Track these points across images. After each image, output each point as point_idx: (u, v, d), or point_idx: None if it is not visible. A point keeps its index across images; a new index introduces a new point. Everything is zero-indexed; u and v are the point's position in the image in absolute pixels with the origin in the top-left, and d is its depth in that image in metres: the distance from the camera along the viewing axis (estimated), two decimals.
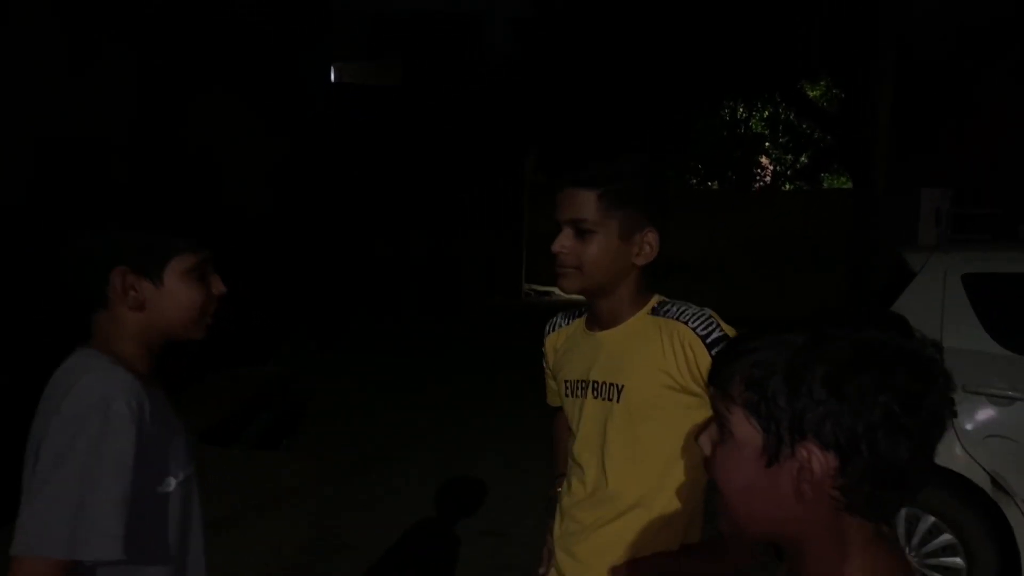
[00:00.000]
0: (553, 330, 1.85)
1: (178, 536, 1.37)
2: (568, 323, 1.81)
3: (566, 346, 1.77)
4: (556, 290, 22.70)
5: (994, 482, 3.35)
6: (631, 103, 15.75)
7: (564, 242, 1.59)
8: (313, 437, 6.63)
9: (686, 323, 1.55)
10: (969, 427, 3.41)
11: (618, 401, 1.59)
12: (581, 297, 1.66)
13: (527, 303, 18.91)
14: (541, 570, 1.80)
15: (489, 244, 18.20)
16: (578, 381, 1.68)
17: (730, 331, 1.53)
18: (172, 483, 1.35)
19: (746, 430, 0.86)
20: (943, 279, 3.64)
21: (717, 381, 0.90)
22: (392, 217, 16.17)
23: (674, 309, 1.59)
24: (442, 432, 6.93)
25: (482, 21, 19.01)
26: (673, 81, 15.12)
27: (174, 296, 1.40)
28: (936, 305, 3.59)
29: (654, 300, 1.64)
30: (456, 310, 15.58)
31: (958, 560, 3.44)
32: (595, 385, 1.63)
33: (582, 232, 1.57)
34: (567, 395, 1.72)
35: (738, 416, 0.87)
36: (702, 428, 0.95)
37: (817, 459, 0.82)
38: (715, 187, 21.61)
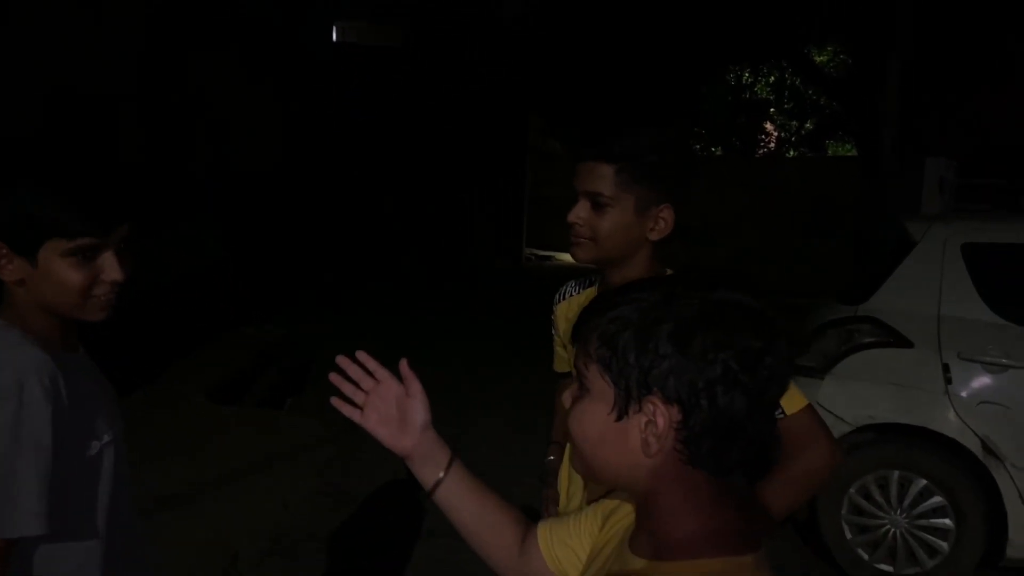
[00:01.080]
0: (563, 299, 1.88)
1: (108, 495, 1.39)
2: (579, 291, 1.84)
3: (576, 311, 1.81)
4: (556, 255, 22.82)
5: (985, 447, 3.43)
6: (637, 68, 15.63)
7: (580, 213, 1.62)
8: (318, 396, 6.72)
9: None
10: (962, 393, 3.48)
11: None
12: (581, 264, 1.71)
13: (527, 267, 18.98)
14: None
15: (491, 207, 18.19)
16: None
17: None
18: (97, 446, 1.35)
19: (600, 385, 0.89)
20: (943, 248, 3.68)
21: (578, 338, 0.94)
22: (393, 179, 16.15)
23: None
24: (446, 391, 7.03)
25: None
26: (679, 45, 14.99)
27: (49, 278, 1.31)
28: (935, 274, 3.65)
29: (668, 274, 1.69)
30: (458, 273, 15.64)
31: (947, 521, 3.54)
32: None
33: (598, 205, 1.59)
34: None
35: (593, 372, 0.90)
36: (567, 385, 1.01)
37: (661, 412, 0.84)
38: (719, 153, 21.53)
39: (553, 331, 1.93)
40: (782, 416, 1.53)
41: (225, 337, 7.83)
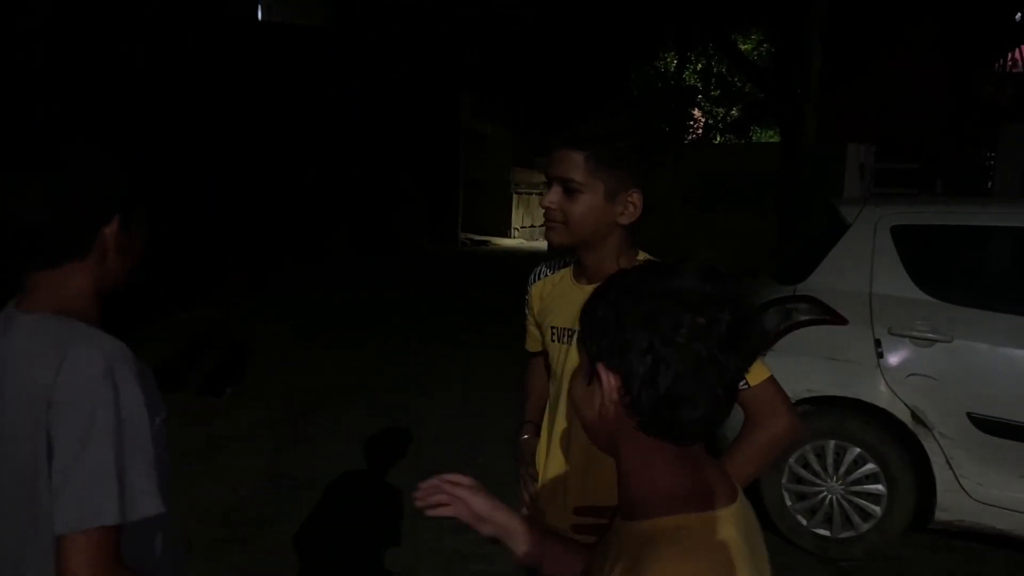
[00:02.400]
0: (538, 279, 1.94)
1: (168, 469, 1.38)
2: (553, 272, 1.90)
3: (553, 294, 1.85)
4: (492, 239, 22.79)
5: (914, 416, 3.65)
6: (567, 51, 15.73)
7: (552, 198, 1.68)
8: (258, 381, 6.64)
9: None
10: (893, 365, 3.69)
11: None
12: (514, 249, 1.74)
13: (463, 251, 18.97)
14: (523, 511, 1.90)
15: (425, 191, 18.08)
16: (565, 329, 1.77)
17: None
18: (158, 421, 1.32)
19: (581, 354, 1.03)
20: (874, 230, 3.88)
21: (580, 317, 1.05)
22: (325, 161, 15.89)
23: None
24: (387, 371, 7.04)
25: None
26: (610, 29, 15.15)
27: (135, 244, 1.31)
28: (867, 254, 3.84)
29: (641, 258, 1.73)
30: (392, 255, 15.53)
31: (880, 487, 3.75)
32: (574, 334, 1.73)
33: (570, 191, 1.65)
34: (553, 340, 1.81)
35: (579, 344, 1.04)
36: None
37: (605, 378, 0.96)
38: None
39: (527, 310, 1.98)
40: (745, 387, 1.60)
41: (157, 323, 7.64)
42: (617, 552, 0.98)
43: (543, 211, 1.73)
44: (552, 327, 1.82)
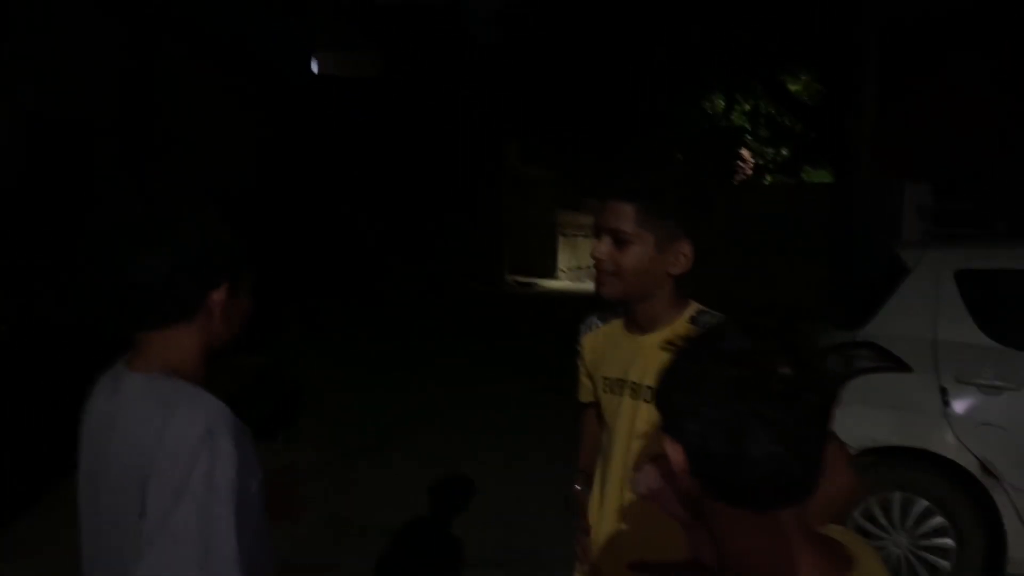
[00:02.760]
0: (590, 330, 1.93)
1: (261, 529, 1.37)
2: (604, 323, 1.89)
3: (605, 345, 1.85)
4: (539, 281, 22.81)
5: (983, 467, 3.52)
6: (612, 94, 15.86)
7: (602, 249, 1.68)
8: (310, 425, 6.70)
9: None
10: (960, 414, 3.58)
11: (648, 401, 1.65)
12: (561, 291, 1.73)
13: (509, 293, 19.04)
14: (579, 566, 1.89)
15: (471, 234, 18.25)
16: (617, 379, 1.76)
17: None
18: (255, 484, 1.32)
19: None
20: (937, 275, 3.80)
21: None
22: (375, 207, 16.19)
23: (711, 319, 1.68)
24: (439, 415, 7.05)
25: (464, 11, 19.04)
26: (655, 72, 15.25)
27: (241, 308, 1.38)
28: (931, 300, 3.76)
29: (692, 308, 1.72)
30: (441, 297, 15.65)
31: (949, 541, 3.62)
32: (632, 385, 1.72)
33: (620, 241, 1.65)
34: (605, 391, 1.80)
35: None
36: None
37: (671, 449, 0.95)
38: None
39: (579, 361, 1.97)
40: None
41: (214, 366, 7.78)
42: None
43: (593, 261, 1.73)
44: (604, 378, 1.81)
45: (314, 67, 17.06)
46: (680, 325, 1.69)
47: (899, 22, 10.81)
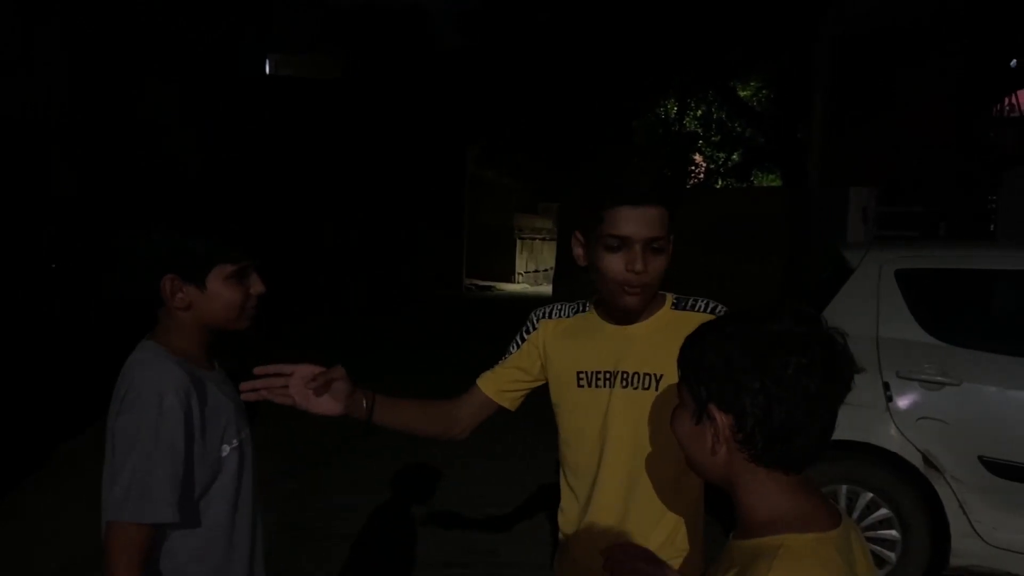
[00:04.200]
0: (551, 316, 1.82)
1: (234, 491, 1.65)
2: (569, 315, 1.80)
3: (576, 336, 1.76)
4: (497, 284, 22.77)
5: (926, 460, 3.65)
6: (571, 101, 15.98)
7: (641, 266, 1.56)
8: (270, 431, 6.64)
9: (711, 312, 1.68)
10: (902, 409, 3.70)
11: (657, 389, 1.65)
12: (519, 294, 1.72)
13: (468, 296, 19.05)
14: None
15: (431, 238, 18.22)
16: (601, 372, 1.70)
17: None
18: (227, 449, 1.61)
19: (685, 396, 1.14)
20: (878, 274, 3.93)
21: (679, 362, 1.17)
22: (332, 210, 16.06)
23: (692, 303, 1.71)
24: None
25: (426, 15, 19.01)
26: (612, 79, 15.41)
27: (216, 298, 1.60)
28: (872, 298, 3.88)
29: (670, 297, 1.73)
30: (399, 303, 15.60)
31: (894, 532, 3.74)
32: (625, 376, 1.67)
33: (656, 250, 1.58)
34: (580, 385, 1.73)
35: (681, 386, 1.16)
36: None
37: (718, 419, 1.07)
38: None
39: (517, 345, 1.85)
40: None
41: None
42: (728, 564, 1.08)
43: (622, 278, 1.58)
44: (580, 372, 1.73)
45: (268, 67, 16.88)
46: (665, 312, 1.70)
47: (849, 39, 11.11)
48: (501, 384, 1.87)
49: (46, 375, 6.65)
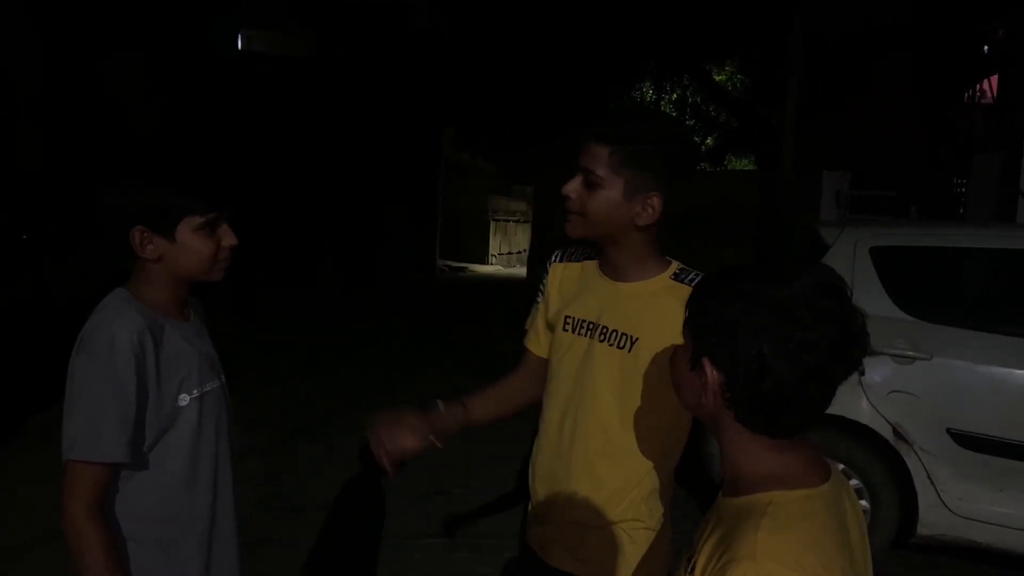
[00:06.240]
0: (562, 260, 1.88)
1: (195, 441, 1.64)
2: (580, 260, 1.84)
3: (578, 283, 1.80)
4: (470, 266, 22.71)
5: (896, 432, 3.74)
6: (548, 82, 15.96)
7: (573, 186, 1.66)
8: (244, 407, 6.61)
9: None
10: (874, 383, 3.78)
11: (629, 351, 1.66)
12: (491, 275, 1.74)
13: (442, 278, 19.03)
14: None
15: (405, 219, 18.14)
16: (587, 322, 1.73)
17: None
18: (186, 399, 1.62)
19: (688, 339, 1.11)
20: (853, 251, 4.00)
21: (688, 303, 1.14)
22: (307, 191, 15.92)
23: (693, 277, 1.69)
24: (374, 397, 7.05)
25: None
26: (588, 61, 15.40)
27: (186, 249, 1.62)
28: (847, 274, 3.93)
29: (675, 266, 1.72)
30: (374, 284, 15.54)
31: (864, 503, 3.83)
32: (604, 331, 1.70)
33: (590, 183, 1.63)
34: (566, 329, 1.77)
35: (686, 331, 1.13)
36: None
37: (710, 372, 1.05)
38: None
39: (540, 296, 1.91)
40: None
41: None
42: (715, 523, 1.07)
43: (563, 200, 1.68)
44: (568, 316, 1.77)
45: (240, 43, 16.63)
46: (662, 279, 1.69)
47: (824, 30, 11.21)
48: (543, 339, 1.91)
49: (18, 347, 6.56)
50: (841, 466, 3.85)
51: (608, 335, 1.69)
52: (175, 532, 1.62)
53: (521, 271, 21.25)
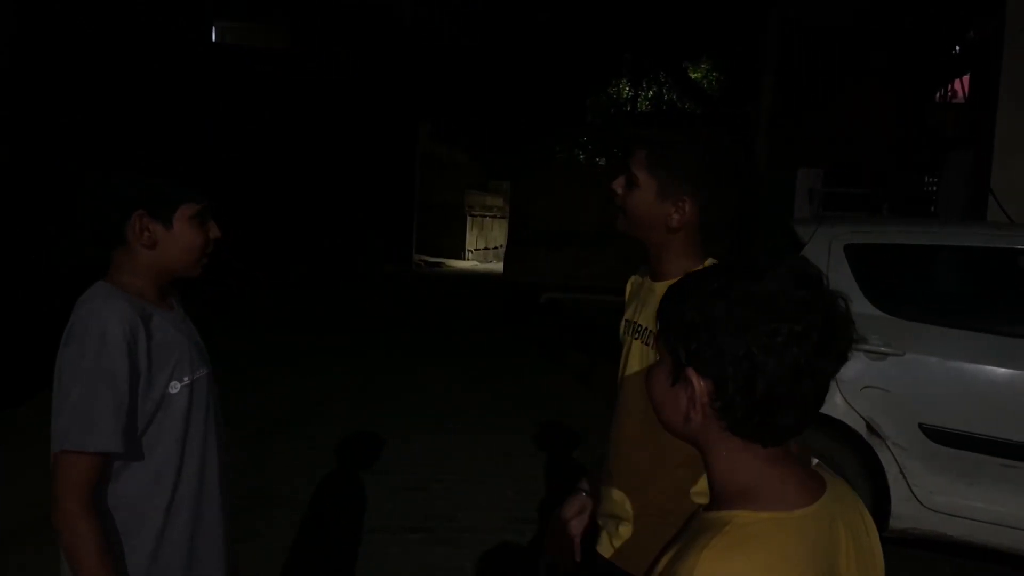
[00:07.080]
0: (638, 273, 2.01)
1: (184, 428, 1.66)
2: (642, 275, 1.97)
3: (636, 289, 1.94)
4: (446, 261, 22.67)
5: (869, 427, 3.79)
6: (526, 78, 15.96)
7: (618, 183, 1.80)
8: (224, 402, 6.56)
9: None
10: (847, 378, 3.82)
11: (651, 345, 1.73)
12: (468, 271, 1.80)
13: (418, 273, 18.98)
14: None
15: (380, 213, 18.05)
16: (631, 322, 1.86)
17: None
18: (177, 386, 1.64)
19: (664, 354, 1.04)
20: (828, 248, 4.04)
21: (658, 314, 1.07)
22: (279, 184, 15.79)
23: None
24: (352, 390, 7.03)
25: None
26: (566, 57, 15.42)
27: (180, 238, 1.66)
28: (822, 272, 3.99)
29: (708, 263, 1.77)
30: (351, 279, 15.45)
31: None
32: (637, 328, 1.81)
33: (630, 182, 1.77)
34: (624, 332, 1.90)
35: (659, 343, 1.05)
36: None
37: (697, 382, 0.96)
38: (603, 163, 22.23)
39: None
40: None
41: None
42: (683, 533, 1.00)
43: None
44: (625, 320, 1.90)
45: (214, 35, 16.46)
46: None
47: (798, 29, 11.31)
48: None
49: None
50: (815, 460, 3.89)
51: (640, 332, 1.80)
52: (159, 521, 1.63)
53: (497, 267, 21.24)
